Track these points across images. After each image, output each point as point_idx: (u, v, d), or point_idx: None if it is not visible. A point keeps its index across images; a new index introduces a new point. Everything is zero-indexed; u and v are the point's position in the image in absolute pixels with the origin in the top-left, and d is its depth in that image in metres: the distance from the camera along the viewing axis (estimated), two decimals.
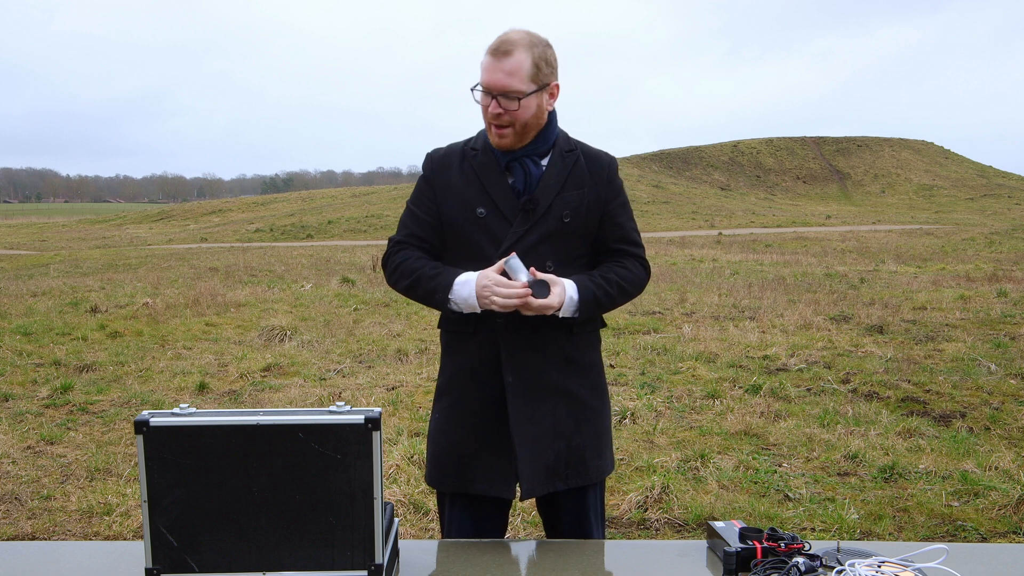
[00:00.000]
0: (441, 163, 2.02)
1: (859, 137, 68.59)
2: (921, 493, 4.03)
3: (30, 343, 8.27)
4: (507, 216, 1.93)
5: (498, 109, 1.86)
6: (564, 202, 1.94)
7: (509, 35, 1.87)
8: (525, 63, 1.85)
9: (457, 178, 1.97)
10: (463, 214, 1.95)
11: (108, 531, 3.72)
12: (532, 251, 1.91)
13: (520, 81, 1.85)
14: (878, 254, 18.63)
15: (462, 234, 1.96)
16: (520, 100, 1.85)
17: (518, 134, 1.90)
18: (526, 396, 1.92)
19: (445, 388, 2.02)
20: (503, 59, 1.84)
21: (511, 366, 1.91)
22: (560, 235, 1.94)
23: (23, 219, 66.46)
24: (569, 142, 2.02)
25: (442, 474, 1.99)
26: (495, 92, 1.86)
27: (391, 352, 7.65)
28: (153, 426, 1.48)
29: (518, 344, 1.92)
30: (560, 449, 1.95)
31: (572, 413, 1.97)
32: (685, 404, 5.77)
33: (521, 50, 1.85)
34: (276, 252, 22.13)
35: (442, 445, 1.99)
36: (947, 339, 7.98)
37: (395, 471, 4.34)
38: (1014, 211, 43.09)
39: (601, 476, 2.03)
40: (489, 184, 1.94)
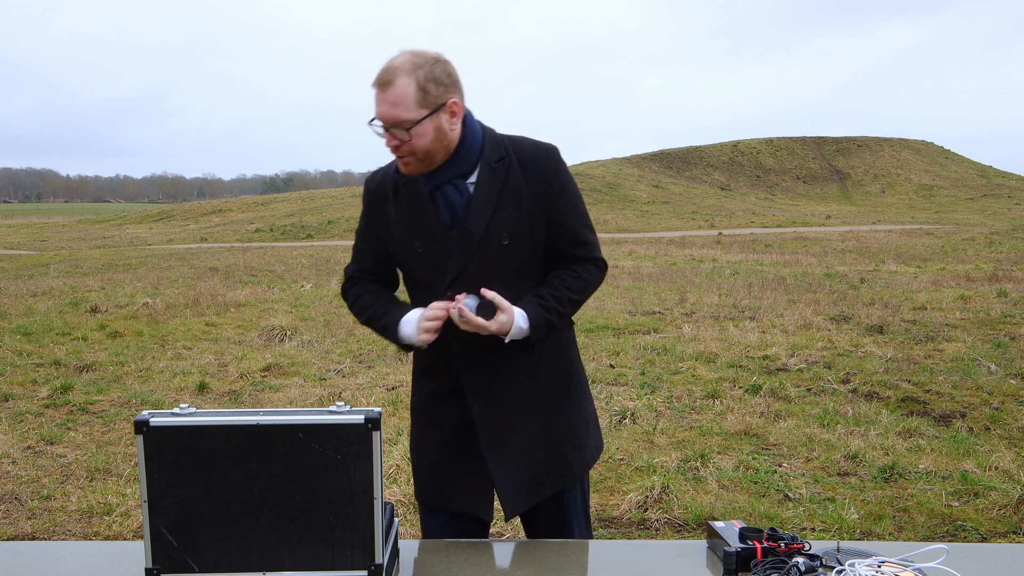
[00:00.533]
0: (376, 196, 1.96)
1: (859, 137, 68.58)
2: (921, 493, 4.03)
3: (30, 343, 8.27)
4: (445, 247, 1.86)
5: (393, 141, 1.77)
6: (500, 223, 1.84)
7: (392, 62, 1.76)
8: (409, 90, 1.73)
9: (392, 212, 1.92)
10: (403, 250, 1.92)
11: (108, 531, 3.72)
12: (478, 280, 1.84)
13: (406, 110, 1.73)
14: (878, 254, 18.63)
15: (407, 268, 1.96)
16: (410, 130, 1.74)
17: (422, 161, 1.81)
18: (493, 420, 1.91)
19: (419, 406, 2.03)
20: (387, 90, 1.74)
21: (474, 395, 1.90)
22: (502, 259, 1.86)
23: (23, 219, 66.46)
24: (498, 149, 1.87)
25: (423, 489, 2.00)
26: (386, 125, 1.76)
27: (391, 352, 7.65)
28: (153, 426, 1.48)
29: (477, 373, 1.90)
30: (538, 460, 1.93)
31: (542, 423, 1.95)
32: (685, 404, 5.77)
33: (403, 76, 1.73)
34: (276, 252, 22.13)
35: (420, 462, 2.01)
36: (947, 339, 7.98)
37: (395, 471, 4.34)
38: (1014, 211, 43.09)
39: (586, 469, 2.02)
40: (422, 216, 1.87)
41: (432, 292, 1.89)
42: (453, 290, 1.85)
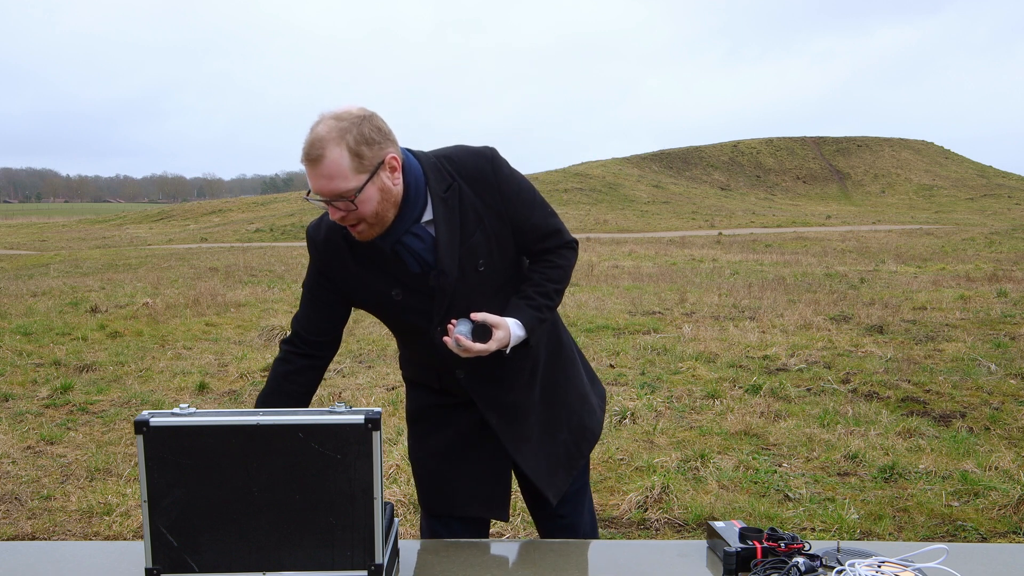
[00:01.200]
0: (328, 251, 1.85)
1: (859, 137, 68.58)
2: (921, 493, 4.03)
3: (30, 343, 8.27)
4: (424, 293, 1.81)
5: (339, 213, 1.68)
6: (472, 253, 1.80)
7: (315, 132, 1.64)
8: (342, 160, 1.62)
9: (353, 265, 1.83)
10: (378, 300, 1.85)
11: (108, 531, 3.72)
12: (465, 312, 1.80)
13: (344, 180, 1.63)
14: (878, 254, 18.63)
15: (387, 316, 1.90)
16: (354, 199, 1.65)
17: (374, 225, 1.72)
18: (513, 428, 1.92)
19: (415, 416, 2.01)
20: (318, 165, 1.63)
21: (489, 408, 1.91)
22: (482, 284, 1.84)
23: (23, 219, 66.46)
24: (442, 178, 1.78)
25: (429, 498, 1.99)
26: (326, 200, 1.67)
27: (391, 352, 7.65)
28: (153, 426, 1.48)
29: (487, 388, 1.90)
30: (564, 439, 1.98)
31: (555, 404, 1.99)
32: (685, 404, 5.77)
33: (332, 146, 1.62)
34: (276, 252, 22.13)
35: (421, 470, 2.00)
36: (947, 339, 7.98)
37: (395, 471, 4.34)
38: (1014, 211, 43.09)
39: (601, 423, 2.07)
40: (390, 269, 1.81)
41: (421, 333, 1.87)
42: (443, 327, 1.82)
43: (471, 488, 1.94)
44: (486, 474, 1.93)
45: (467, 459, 1.94)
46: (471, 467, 1.94)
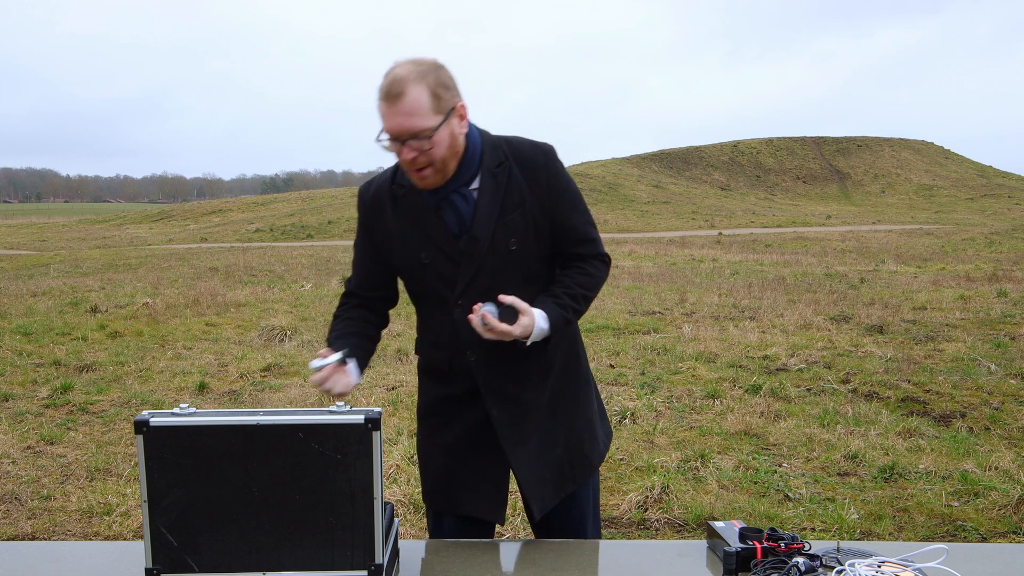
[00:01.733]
0: (373, 206, 1.91)
1: (859, 137, 68.58)
2: (921, 493, 4.03)
3: (30, 343, 8.27)
4: (452, 258, 1.84)
5: (411, 153, 1.71)
6: (507, 229, 1.82)
7: (395, 73, 1.69)
8: (422, 98, 1.68)
9: (393, 222, 1.88)
10: (407, 261, 1.88)
11: (108, 531, 3.72)
12: (488, 289, 1.82)
13: (424, 118, 1.69)
14: (878, 254, 18.63)
15: (413, 279, 1.92)
16: (431, 138, 1.70)
17: (440, 171, 1.77)
18: (513, 425, 1.90)
19: (427, 411, 2.01)
20: (398, 102, 1.68)
21: (492, 400, 1.89)
22: (511, 264, 1.85)
23: (23, 219, 66.47)
24: (497, 154, 1.85)
25: (433, 495, 1.99)
26: (402, 138, 1.70)
27: (391, 352, 7.65)
28: (153, 426, 1.48)
29: (495, 377, 1.88)
30: (559, 456, 1.94)
31: (559, 420, 1.96)
32: (685, 404, 5.77)
33: (413, 85, 1.68)
34: (276, 252, 22.13)
35: (429, 465, 2.00)
36: (947, 339, 7.98)
37: (395, 471, 4.34)
38: (1014, 211, 43.09)
39: (601, 460, 2.03)
40: (427, 227, 1.84)
41: (442, 303, 1.88)
42: (464, 300, 1.83)
43: (472, 488, 1.93)
44: (486, 476, 1.93)
45: (470, 459, 1.94)
46: (473, 467, 1.93)
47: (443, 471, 1.96)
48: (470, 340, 1.83)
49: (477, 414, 1.91)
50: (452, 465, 1.95)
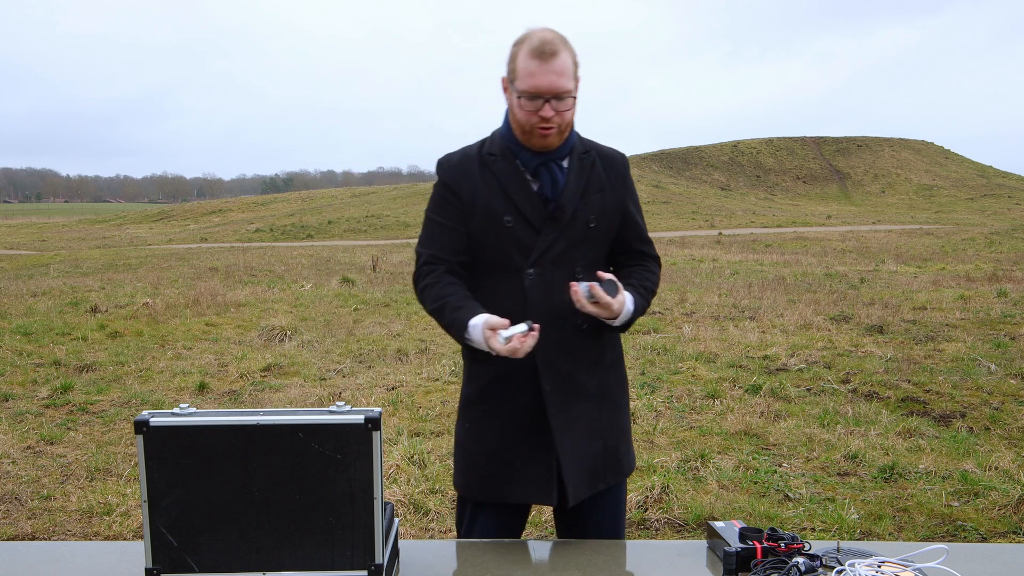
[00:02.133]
0: (460, 170, 1.95)
1: (859, 137, 68.59)
2: (921, 493, 4.03)
3: (30, 343, 8.27)
4: (534, 224, 1.90)
5: (550, 112, 1.81)
6: (588, 207, 1.93)
7: (543, 35, 1.81)
8: (569, 63, 1.81)
9: (480, 185, 1.92)
10: (489, 223, 1.91)
11: (108, 531, 3.72)
12: (562, 259, 1.90)
13: (568, 80, 1.81)
14: (878, 254, 18.63)
15: (488, 244, 1.93)
16: (573, 99, 1.84)
17: (561, 134, 1.89)
18: (563, 403, 1.92)
19: (476, 397, 1.98)
20: (552, 60, 1.78)
21: (547, 374, 1.90)
22: (587, 241, 1.94)
23: (23, 219, 66.47)
24: (584, 143, 1.99)
25: (478, 483, 1.97)
26: (548, 95, 1.80)
27: (391, 352, 7.65)
28: (153, 426, 1.48)
29: (552, 352, 1.90)
30: (598, 450, 1.96)
31: (604, 413, 1.99)
32: (685, 404, 5.77)
33: (563, 48, 1.81)
34: (276, 252, 22.13)
35: (476, 455, 1.97)
36: (947, 339, 7.98)
37: (395, 471, 4.34)
38: (1014, 211, 43.10)
39: (631, 468, 2.06)
40: (513, 191, 1.90)
41: (513, 270, 1.90)
42: (535, 268, 1.89)
43: (522, 474, 1.93)
44: (537, 459, 1.92)
45: (521, 444, 1.93)
46: (524, 452, 1.93)
47: (491, 458, 1.95)
48: (535, 310, 1.88)
49: (529, 396, 1.92)
50: (501, 452, 1.94)
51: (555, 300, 1.89)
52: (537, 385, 1.90)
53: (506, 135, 1.94)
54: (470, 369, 2.02)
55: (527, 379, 1.91)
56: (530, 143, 1.89)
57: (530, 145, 1.90)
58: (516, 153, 1.92)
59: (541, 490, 1.92)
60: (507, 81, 1.89)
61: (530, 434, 1.93)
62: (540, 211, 1.90)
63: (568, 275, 1.89)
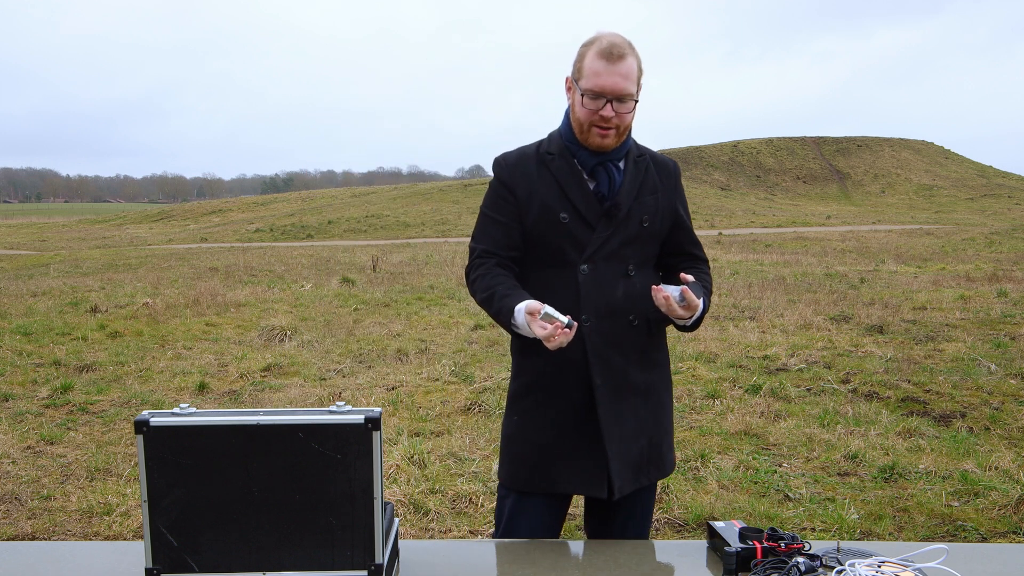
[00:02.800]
0: (517, 168, 2.00)
1: (859, 137, 68.58)
2: (921, 493, 4.03)
3: (30, 343, 8.27)
4: (589, 221, 1.94)
5: (611, 112, 1.86)
6: (642, 207, 1.98)
7: (612, 38, 1.86)
8: (634, 67, 1.86)
9: (536, 183, 1.97)
10: (545, 219, 1.95)
11: (108, 531, 3.72)
12: (615, 256, 1.95)
13: (633, 84, 1.86)
14: (878, 254, 18.63)
15: (543, 240, 1.97)
16: (635, 103, 1.89)
17: (620, 136, 1.93)
18: (612, 397, 1.95)
19: (526, 390, 2.01)
20: (619, 63, 1.84)
21: (598, 368, 1.93)
22: (640, 239, 1.98)
23: (23, 219, 66.46)
24: (639, 147, 2.04)
25: (527, 474, 1.99)
26: (611, 96, 1.85)
27: (391, 352, 7.65)
28: (153, 426, 1.48)
29: (603, 346, 1.94)
30: (643, 446, 1.99)
31: (651, 410, 2.02)
32: (685, 404, 5.77)
33: (630, 53, 1.86)
34: (276, 252, 22.13)
35: (526, 447, 2.00)
36: (947, 339, 7.98)
37: (395, 471, 4.34)
38: (1014, 211, 43.09)
39: (672, 468, 2.09)
40: (570, 189, 1.95)
41: (566, 265, 1.94)
42: (589, 264, 1.93)
43: (572, 465, 1.96)
44: (587, 452, 1.95)
45: (571, 436, 1.96)
46: (574, 444, 1.96)
47: (541, 450, 1.98)
48: (588, 304, 1.92)
49: (579, 389, 1.95)
50: (551, 444, 1.97)
51: (607, 295, 1.94)
52: (587, 379, 1.94)
53: (566, 134, 1.99)
54: (519, 363, 2.05)
55: (577, 372, 1.95)
56: (587, 142, 1.94)
57: (587, 144, 1.94)
58: (574, 153, 1.96)
59: (590, 482, 1.95)
60: (571, 80, 1.94)
61: (580, 426, 1.96)
62: (596, 208, 1.94)
63: (620, 271, 1.95)
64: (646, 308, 1.96)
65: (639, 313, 1.96)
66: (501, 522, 2.05)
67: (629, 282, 1.96)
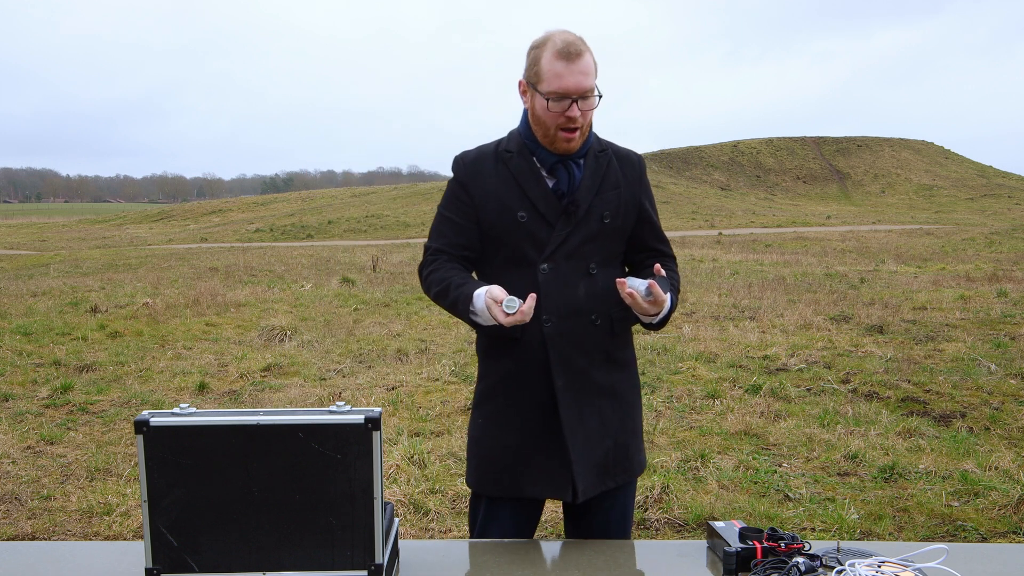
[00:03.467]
0: (474, 166, 1.97)
1: (859, 137, 68.60)
2: (921, 493, 4.03)
3: (30, 343, 8.27)
4: (548, 219, 1.91)
5: (577, 112, 1.83)
6: (602, 203, 1.94)
7: (567, 36, 1.84)
8: (591, 63, 1.85)
9: (494, 182, 1.95)
10: (502, 218, 1.93)
11: (108, 531, 3.72)
12: (576, 254, 1.91)
13: (591, 79, 1.85)
14: (878, 254, 18.63)
15: (502, 239, 1.94)
16: (597, 98, 1.87)
17: (584, 135, 1.91)
18: (575, 398, 1.92)
19: (489, 392, 1.99)
20: (578, 61, 1.81)
21: (560, 368, 1.91)
22: (602, 236, 1.95)
23: (23, 219, 66.46)
24: (600, 142, 2.01)
25: (491, 478, 1.97)
26: (576, 96, 1.82)
27: (391, 352, 7.65)
28: (153, 426, 1.48)
29: (565, 347, 1.92)
30: (608, 447, 1.97)
31: (616, 411, 1.99)
32: (685, 404, 5.77)
33: (586, 50, 1.84)
34: (276, 252, 22.13)
35: (491, 450, 1.97)
36: (947, 339, 7.98)
37: (395, 471, 4.34)
38: (1014, 211, 43.09)
39: (642, 470, 2.06)
40: (528, 187, 1.92)
41: (526, 264, 1.92)
42: (549, 262, 1.90)
43: (536, 468, 1.93)
44: (551, 455, 1.93)
45: (534, 439, 1.94)
46: (538, 447, 1.94)
47: (505, 453, 1.95)
48: (548, 304, 1.89)
49: (543, 391, 1.92)
50: (515, 447, 1.94)
51: (568, 294, 1.91)
52: (550, 380, 1.91)
53: (524, 133, 1.96)
54: (484, 365, 2.03)
55: (540, 374, 1.92)
56: (554, 146, 1.91)
57: (554, 148, 1.92)
58: (533, 150, 1.94)
59: (555, 485, 1.93)
60: (527, 84, 1.90)
61: (544, 429, 1.93)
62: (555, 206, 1.92)
63: (582, 270, 1.92)
64: (609, 307, 1.94)
65: (602, 312, 1.93)
66: (475, 528, 2.04)
67: (591, 281, 1.93)
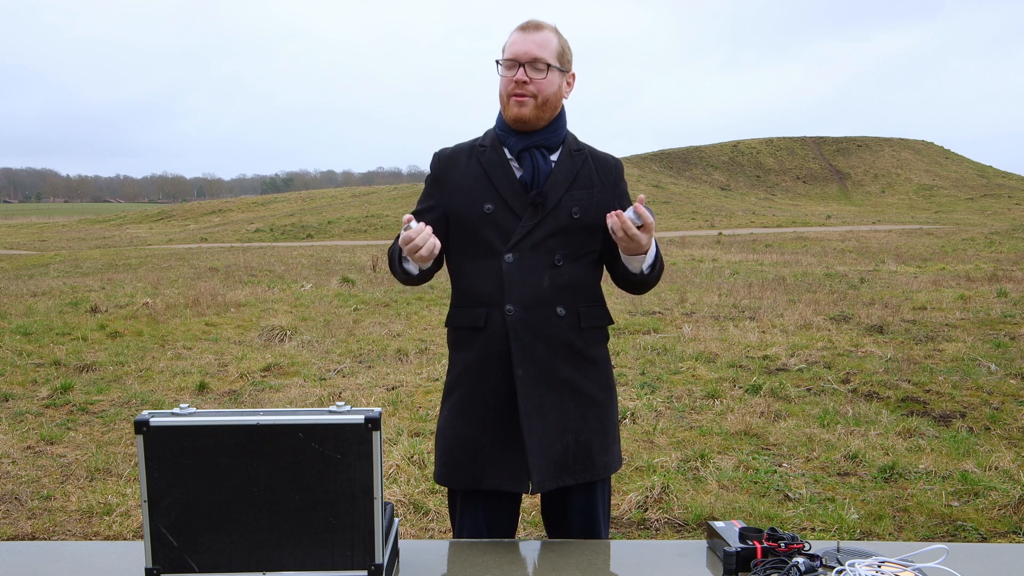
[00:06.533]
0: (448, 161, 2.04)
1: (859, 137, 68.61)
2: (921, 493, 4.03)
3: (30, 343, 8.27)
4: (515, 211, 1.94)
5: (523, 76, 1.90)
6: (573, 199, 1.96)
7: (537, 19, 1.95)
8: (553, 41, 1.93)
9: (463, 175, 2.00)
10: (470, 210, 1.96)
11: (108, 531, 3.72)
12: (541, 246, 1.92)
13: (549, 54, 1.91)
14: (878, 254, 18.63)
15: (470, 230, 1.97)
16: (547, 70, 1.91)
17: (539, 107, 1.93)
18: (535, 389, 1.92)
19: (454, 384, 2.01)
20: (534, 32, 1.92)
21: (521, 359, 1.91)
22: (569, 231, 1.95)
23: (23, 219, 66.46)
24: (577, 143, 2.05)
25: (453, 470, 1.97)
26: (523, 61, 1.90)
27: (391, 352, 7.65)
28: (153, 426, 1.48)
29: (527, 336, 1.91)
30: (568, 443, 1.95)
31: (579, 407, 1.97)
32: (685, 404, 5.77)
33: (549, 30, 1.94)
34: (276, 252, 22.13)
35: (452, 441, 1.98)
36: (947, 339, 7.98)
37: (395, 471, 4.34)
38: (1014, 211, 43.09)
39: (608, 472, 2.03)
40: (496, 179, 1.96)
41: (491, 254, 1.94)
42: (514, 253, 1.92)
43: (495, 460, 1.93)
44: (511, 446, 1.92)
45: (494, 430, 1.94)
46: (497, 438, 1.94)
47: (465, 445, 1.95)
48: (512, 293, 1.91)
49: (505, 382, 1.92)
50: (475, 438, 1.95)
51: (532, 284, 1.91)
52: (511, 371, 1.91)
53: (497, 123, 2.02)
54: (451, 357, 2.04)
55: (502, 365, 1.92)
56: (507, 114, 1.96)
57: (508, 118, 1.96)
58: (504, 140, 1.98)
59: (515, 477, 1.92)
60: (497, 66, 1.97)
61: (505, 420, 1.93)
62: (522, 198, 1.94)
63: (547, 262, 1.92)
64: (575, 300, 1.95)
65: (567, 305, 1.94)
66: (455, 524, 2.04)
67: (556, 272, 1.93)
